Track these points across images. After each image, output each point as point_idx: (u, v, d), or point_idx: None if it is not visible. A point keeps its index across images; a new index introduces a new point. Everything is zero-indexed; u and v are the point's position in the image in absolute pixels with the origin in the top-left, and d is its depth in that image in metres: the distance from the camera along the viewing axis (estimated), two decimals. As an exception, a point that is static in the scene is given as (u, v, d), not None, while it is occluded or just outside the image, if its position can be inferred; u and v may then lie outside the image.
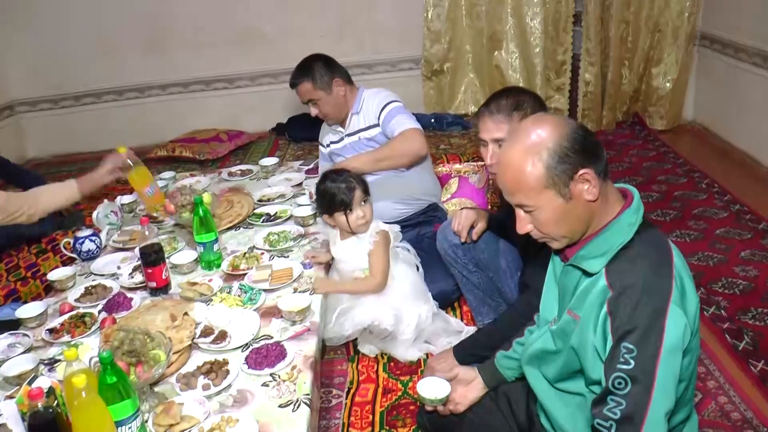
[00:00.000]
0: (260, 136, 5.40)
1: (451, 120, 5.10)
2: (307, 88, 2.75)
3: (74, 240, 2.59)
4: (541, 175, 1.24)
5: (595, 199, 1.26)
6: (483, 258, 2.30)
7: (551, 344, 1.38)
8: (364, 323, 2.23)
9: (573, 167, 1.24)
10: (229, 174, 3.44)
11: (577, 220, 1.29)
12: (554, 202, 1.26)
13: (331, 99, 2.76)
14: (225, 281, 2.31)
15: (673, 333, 1.17)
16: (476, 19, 5.03)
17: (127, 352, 1.63)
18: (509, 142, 1.30)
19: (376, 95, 2.78)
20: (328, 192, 2.33)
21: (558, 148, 1.24)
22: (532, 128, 1.27)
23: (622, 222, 1.28)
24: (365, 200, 2.31)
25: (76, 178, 2.68)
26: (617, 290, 1.22)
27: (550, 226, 1.29)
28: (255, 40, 5.27)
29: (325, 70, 2.74)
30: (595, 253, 1.28)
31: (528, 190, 1.26)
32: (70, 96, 5.45)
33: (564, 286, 1.38)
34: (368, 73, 5.32)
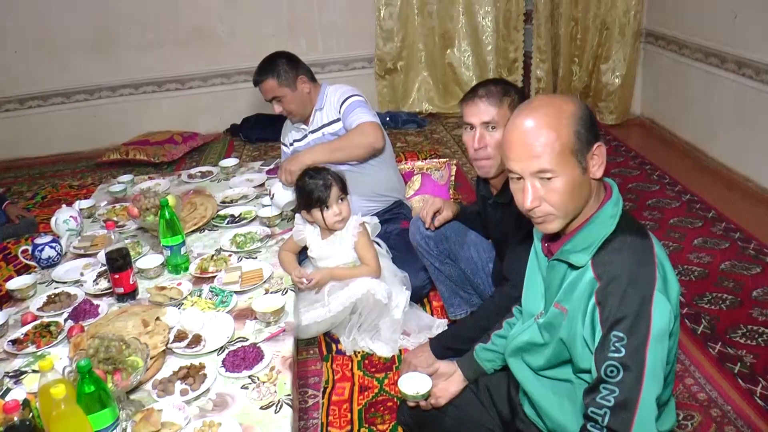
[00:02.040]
0: (215, 137, 5.35)
1: (406, 118, 5.14)
2: (271, 85, 2.73)
3: (33, 247, 2.50)
4: (570, 139, 1.26)
5: (601, 177, 1.31)
6: (453, 249, 2.33)
7: (538, 337, 1.41)
8: (359, 293, 2.24)
9: (594, 138, 1.29)
10: (189, 176, 3.39)
11: (583, 196, 1.31)
12: (574, 170, 1.27)
13: (295, 96, 2.75)
14: (194, 284, 2.27)
15: (659, 319, 1.21)
16: (428, 18, 5.08)
17: (103, 360, 1.60)
18: (532, 110, 1.29)
19: (337, 90, 2.79)
20: (305, 188, 2.34)
21: (585, 116, 1.28)
22: (553, 99, 1.30)
23: (605, 214, 1.32)
24: (342, 198, 2.32)
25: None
26: (605, 281, 1.25)
27: (564, 196, 1.28)
28: (205, 40, 5.21)
29: (290, 67, 2.73)
30: (580, 247, 1.31)
31: (556, 153, 1.25)
32: (14, 99, 5.25)
33: (549, 281, 1.41)
34: (321, 72, 5.28)
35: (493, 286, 2.30)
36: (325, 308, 2.28)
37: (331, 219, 2.32)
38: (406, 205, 2.90)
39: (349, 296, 2.26)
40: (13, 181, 4.82)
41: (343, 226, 2.34)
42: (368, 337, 2.35)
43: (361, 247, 2.33)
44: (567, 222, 1.33)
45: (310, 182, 2.32)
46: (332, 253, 2.36)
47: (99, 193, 3.30)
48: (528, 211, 1.32)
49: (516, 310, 1.68)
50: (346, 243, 2.34)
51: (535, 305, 1.46)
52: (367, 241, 2.34)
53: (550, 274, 1.39)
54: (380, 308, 2.28)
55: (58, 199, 4.09)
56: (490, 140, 1.90)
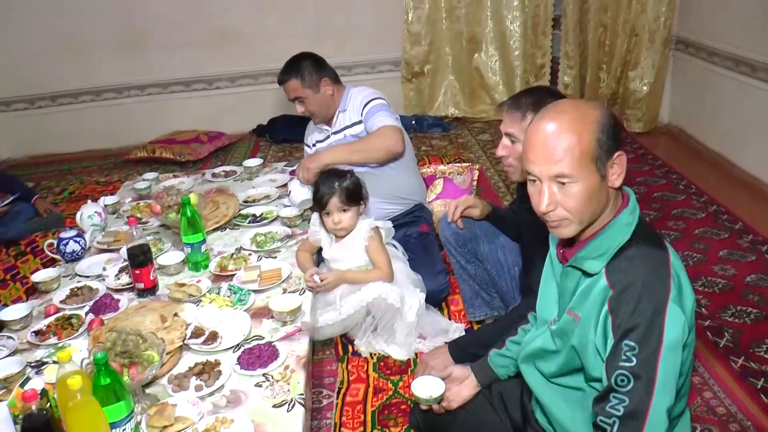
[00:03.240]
0: (240, 137, 5.38)
1: (431, 122, 5.14)
2: (294, 85, 2.75)
3: (58, 241, 2.55)
4: (592, 146, 1.24)
5: (619, 186, 1.29)
6: (482, 250, 2.32)
7: (551, 344, 1.40)
8: (371, 297, 2.24)
9: (615, 146, 1.27)
10: (213, 175, 3.42)
11: (599, 205, 1.29)
12: (593, 177, 1.25)
13: (318, 98, 2.76)
14: (213, 282, 2.30)
15: (672, 330, 1.19)
16: (456, 22, 5.07)
17: (120, 353, 1.62)
18: (557, 113, 1.28)
19: (361, 92, 2.80)
20: (316, 189, 2.35)
21: (608, 124, 1.26)
22: (579, 105, 1.29)
23: (620, 222, 1.30)
24: (345, 209, 2.33)
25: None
26: (618, 289, 1.24)
27: (580, 202, 1.26)
28: (233, 40, 5.25)
29: (314, 68, 2.75)
30: (595, 254, 1.30)
31: (576, 158, 1.24)
32: (47, 96, 5.37)
33: (563, 287, 1.40)
34: (347, 74, 5.32)
35: (517, 290, 2.29)
36: (337, 311, 2.28)
37: (330, 225, 2.35)
38: (426, 209, 2.89)
39: (361, 300, 2.27)
40: (42, 177, 4.92)
41: (344, 234, 2.37)
42: (383, 339, 2.35)
43: (372, 251, 2.33)
44: (582, 228, 1.32)
45: (320, 185, 2.35)
46: (345, 256, 2.37)
47: (124, 190, 3.35)
48: (543, 215, 1.31)
49: (531, 316, 1.67)
50: (357, 246, 2.34)
51: (548, 312, 1.45)
52: (378, 245, 2.34)
53: (564, 280, 1.38)
54: (393, 311, 2.28)
55: (85, 194, 4.16)
56: (512, 151, 1.90)
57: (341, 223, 2.34)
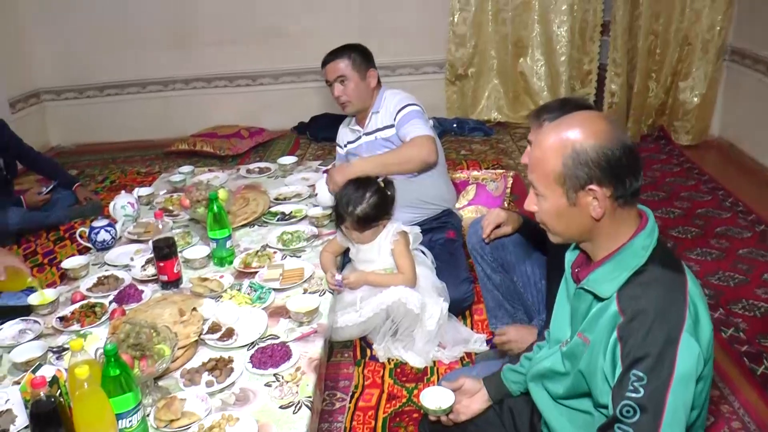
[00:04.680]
0: (281, 134, 5.40)
1: (473, 125, 5.07)
2: (342, 65, 2.72)
3: (90, 229, 2.60)
4: (556, 169, 1.23)
5: (598, 218, 1.24)
6: (509, 260, 2.27)
7: (560, 365, 1.35)
8: (390, 300, 2.22)
9: (586, 178, 1.21)
10: (247, 171, 3.45)
11: (575, 226, 1.28)
12: (559, 199, 1.25)
13: (360, 85, 2.74)
14: (236, 278, 2.31)
15: (685, 362, 1.13)
16: (502, 25, 5.00)
17: (132, 345, 1.63)
18: (555, 124, 1.29)
19: (395, 95, 2.76)
20: (336, 201, 2.37)
21: (582, 152, 1.21)
22: (576, 123, 1.25)
23: (635, 245, 1.25)
24: (359, 230, 2.31)
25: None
26: (628, 316, 1.18)
27: (549, 217, 1.30)
28: (278, 38, 5.28)
29: (364, 58, 2.74)
30: (607, 278, 1.25)
31: (541, 175, 1.26)
32: (94, 87, 5.51)
33: (576, 308, 1.35)
34: (391, 75, 5.31)
35: (542, 304, 2.23)
36: (357, 313, 2.26)
37: (348, 234, 2.35)
38: (455, 215, 2.84)
39: (381, 303, 2.24)
40: (87, 165, 5.04)
41: (363, 241, 2.35)
42: (402, 345, 2.32)
43: (397, 255, 2.31)
44: (567, 242, 1.32)
45: (341, 197, 2.34)
46: (371, 258, 2.35)
47: (159, 182, 3.40)
48: None
49: (546, 333, 1.62)
50: (383, 250, 2.32)
51: (561, 332, 1.39)
52: (404, 249, 2.31)
53: (576, 301, 1.33)
54: (412, 317, 2.25)
55: (125, 184, 4.24)
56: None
57: (358, 238, 2.34)
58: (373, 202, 2.29)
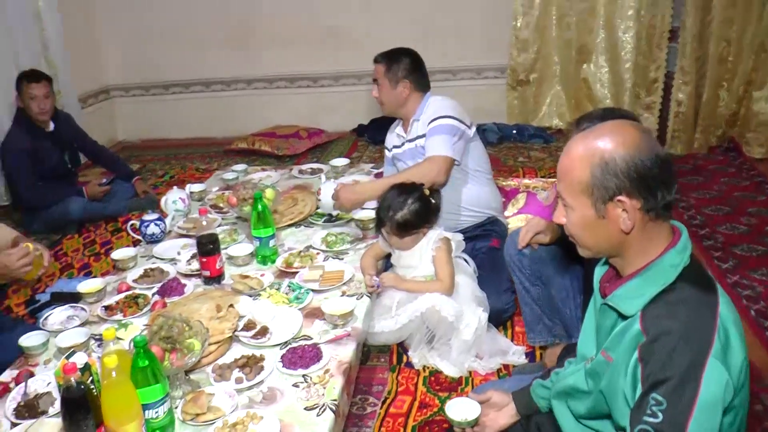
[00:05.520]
0: (340, 135, 5.42)
1: (533, 132, 4.97)
2: (380, 69, 2.76)
3: (140, 222, 2.68)
4: (584, 179, 1.19)
5: (628, 231, 1.18)
6: (548, 273, 2.21)
7: (583, 383, 1.30)
8: (425, 307, 2.20)
9: (615, 189, 1.16)
10: (300, 171, 3.47)
11: (604, 239, 1.23)
12: (587, 210, 1.21)
13: (391, 93, 2.74)
14: (277, 277, 2.33)
15: (710, 389, 1.06)
16: (566, 30, 4.88)
17: (164, 338, 1.66)
18: (585, 132, 1.24)
19: (435, 103, 2.71)
20: (378, 206, 2.35)
21: (611, 162, 1.16)
22: (606, 132, 1.20)
23: (664, 263, 1.18)
24: (398, 235, 2.29)
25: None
26: (651, 336, 1.13)
27: (577, 229, 1.26)
28: (340, 40, 5.32)
29: (405, 66, 2.71)
30: (632, 295, 1.19)
31: (568, 186, 1.23)
32: (161, 84, 5.71)
33: (601, 325, 1.29)
34: (452, 79, 5.27)
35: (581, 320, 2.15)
36: (393, 319, 2.24)
37: (388, 239, 2.33)
38: (500, 223, 2.78)
39: (416, 309, 2.21)
40: (150, 159, 5.22)
41: (401, 248, 2.33)
42: (437, 353, 2.28)
43: (438, 262, 2.27)
44: (596, 255, 1.26)
45: (382, 201, 2.33)
46: (412, 264, 2.32)
47: (213, 179, 3.48)
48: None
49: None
50: (425, 256, 2.29)
51: (587, 348, 1.34)
52: (445, 256, 2.27)
53: (602, 318, 1.27)
54: (447, 325, 2.21)
55: (184, 179, 4.35)
56: None
57: (397, 244, 2.32)
58: (414, 209, 2.26)
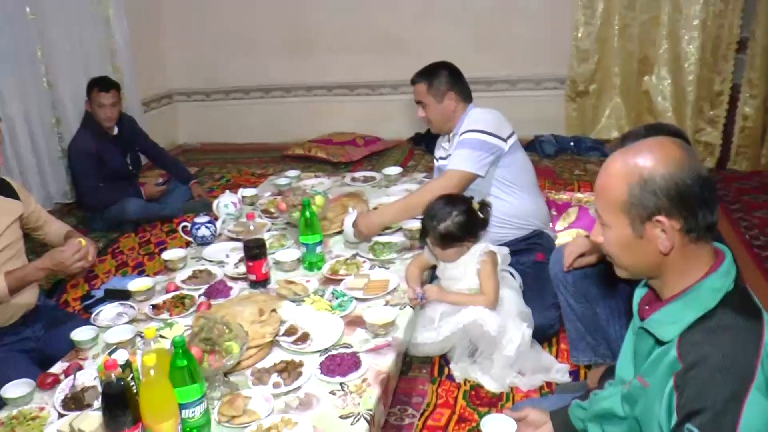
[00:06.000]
0: (396, 143, 5.42)
1: (590, 144, 4.86)
2: (421, 89, 2.73)
3: (191, 225, 2.74)
4: (621, 197, 1.16)
5: (666, 253, 1.13)
6: (592, 291, 2.14)
7: (619, 408, 1.26)
8: (467, 320, 2.17)
9: (653, 208, 1.12)
10: (352, 179, 3.49)
11: (642, 260, 1.19)
12: (624, 229, 1.17)
13: (438, 109, 2.71)
14: (322, 284, 2.34)
15: (751, 423, 1.01)
16: (627, 41, 4.76)
17: (203, 339, 1.70)
18: (624, 149, 1.21)
19: (472, 116, 2.65)
20: (422, 217, 2.33)
21: (651, 181, 1.12)
22: (645, 149, 1.17)
23: (705, 286, 1.13)
24: (440, 246, 2.26)
25: (6, 273, 2.18)
26: (687, 364, 1.08)
27: (614, 248, 1.22)
28: (398, 48, 5.32)
29: (446, 80, 2.69)
30: (669, 319, 1.15)
31: (606, 203, 1.20)
32: (222, 90, 5.86)
33: (638, 348, 1.25)
34: (510, 89, 5.21)
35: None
36: (436, 331, 2.22)
37: (432, 250, 2.30)
38: (546, 236, 2.71)
39: (458, 322, 2.19)
40: (208, 163, 5.34)
41: (444, 260, 2.30)
42: (479, 367, 2.24)
43: (482, 275, 2.23)
44: (634, 276, 1.21)
45: (427, 211, 2.30)
46: (456, 276, 2.29)
47: (266, 184, 3.53)
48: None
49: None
50: (470, 269, 2.26)
51: (626, 371, 1.29)
52: (490, 269, 2.23)
53: (639, 341, 1.23)
54: (490, 340, 2.17)
55: (239, 183, 4.43)
56: None
57: (441, 255, 2.30)
58: (459, 221, 2.23)
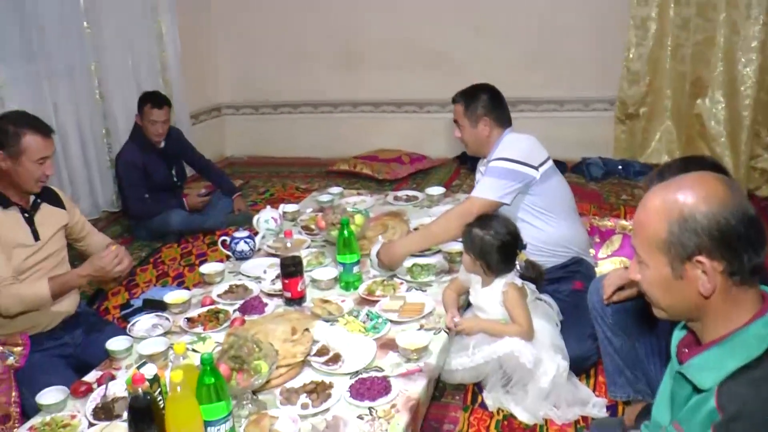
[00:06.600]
0: (442, 162, 5.36)
1: (639, 169, 4.73)
2: (458, 110, 2.72)
3: (231, 239, 2.76)
4: (660, 235, 1.11)
5: (707, 295, 1.07)
6: (632, 326, 2.06)
7: None
8: (503, 351, 2.13)
9: (694, 248, 1.07)
10: (395, 198, 3.47)
11: (681, 302, 1.13)
12: (662, 269, 1.12)
13: (472, 132, 2.69)
14: (357, 304, 2.32)
15: None
16: (680, 62, 4.62)
17: (232, 357, 1.70)
18: (664, 184, 1.16)
19: (506, 142, 2.62)
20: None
21: (691, 218, 1.07)
22: (687, 185, 1.12)
23: (750, 333, 1.07)
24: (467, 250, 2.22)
25: (49, 278, 2.23)
26: (728, 416, 1.02)
27: (651, 288, 1.17)
28: (447, 65, 5.30)
29: (483, 104, 2.65)
30: (709, 366, 1.09)
31: (643, 241, 1.15)
32: (270, 104, 5.94)
33: (676, 393, 1.19)
34: (558, 110, 5.13)
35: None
36: (469, 358, 2.18)
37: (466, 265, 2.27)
38: (586, 263, 2.62)
39: (493, 352, 2.13)
40: (253, 176, 5.40)
41: (468, 271, 2.26)
42: (512, 398, 2.18)
43: (509, 303, 2.17)
44: (672, 318, 1.16)
45: (491, 216, 2.27)
46: (488, 303, 2.24)
47: (308, 200, 3.54)
48: None
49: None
50: (494, 300, 2.21)
51: (662, 415, 1.22)
52: (517, 297, 2.17)
53: (677, 385, 1.16)
54: (525, 371, 2.11)
55: (283, 198, 4.46)
56: None
57: (466, 263, 2.25)
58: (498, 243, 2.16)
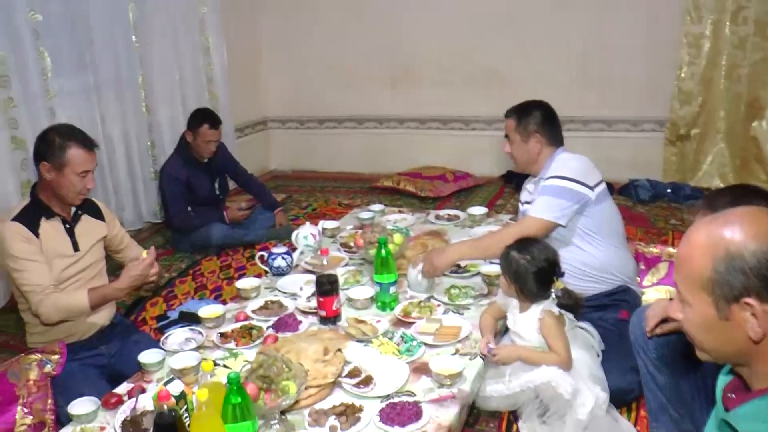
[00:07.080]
0: (487, 181, 5.30)
1: (689, 192, 4.58)
2: (510, 124, 2.66)
3: (268, 254, 2.76)
4: (704, 273, 1.04)
5: (757, 340, 1.00)
6: (677, 362, 1.96)
7: None
8: (540, 381, 2.05)
9: (742, 288, 1.00)
10: (436, 217, 3.42)
11: (727, 345, 1.06)
12: (707, 309, 1.06)
13: (523, 148, 2.63)
14: (392, 325, 2.29)
15: None
16: (736, 82, 4.48)
17: (261, 377, 1.68)
18: (710, 218, 1.10)
19: (558, 161, 2.54)
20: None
21: (738, 257, 1.00)
22: (736, 219, 1.05)
23: None
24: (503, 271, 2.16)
25: (89, 289, 2.31)
26: None
27: (694, 328, 1.11)
28: (495, 83, 5.26)
29: (536, 120, 2.59)
30: (759, 417, 1.01)
31: (686, 278, 1.09)
32: (316, 119, 5.99)
33: None
34: (606, 129, 5.03)
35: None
36: (505, 386, 2.11)
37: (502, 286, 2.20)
38: (633, 292, 2.52)
39: (529, 380, 2.06)
40: (296, 190, 5.44)
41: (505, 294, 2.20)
42: (549, 429, 2.10)
43: (546, 331, 2.09)
44: (716, 362, 1.09)
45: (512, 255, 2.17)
46: (525, 330, 2.17)
47: (349, 217, 3.53)
48: None
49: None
50: (530, 326, 2.13)
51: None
52: (554, 325, 2.09)
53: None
54: (562, 401, 2.03)
55: (325, 213, 4.47)
56: None
57: (503, 285, 2.19)
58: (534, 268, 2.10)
